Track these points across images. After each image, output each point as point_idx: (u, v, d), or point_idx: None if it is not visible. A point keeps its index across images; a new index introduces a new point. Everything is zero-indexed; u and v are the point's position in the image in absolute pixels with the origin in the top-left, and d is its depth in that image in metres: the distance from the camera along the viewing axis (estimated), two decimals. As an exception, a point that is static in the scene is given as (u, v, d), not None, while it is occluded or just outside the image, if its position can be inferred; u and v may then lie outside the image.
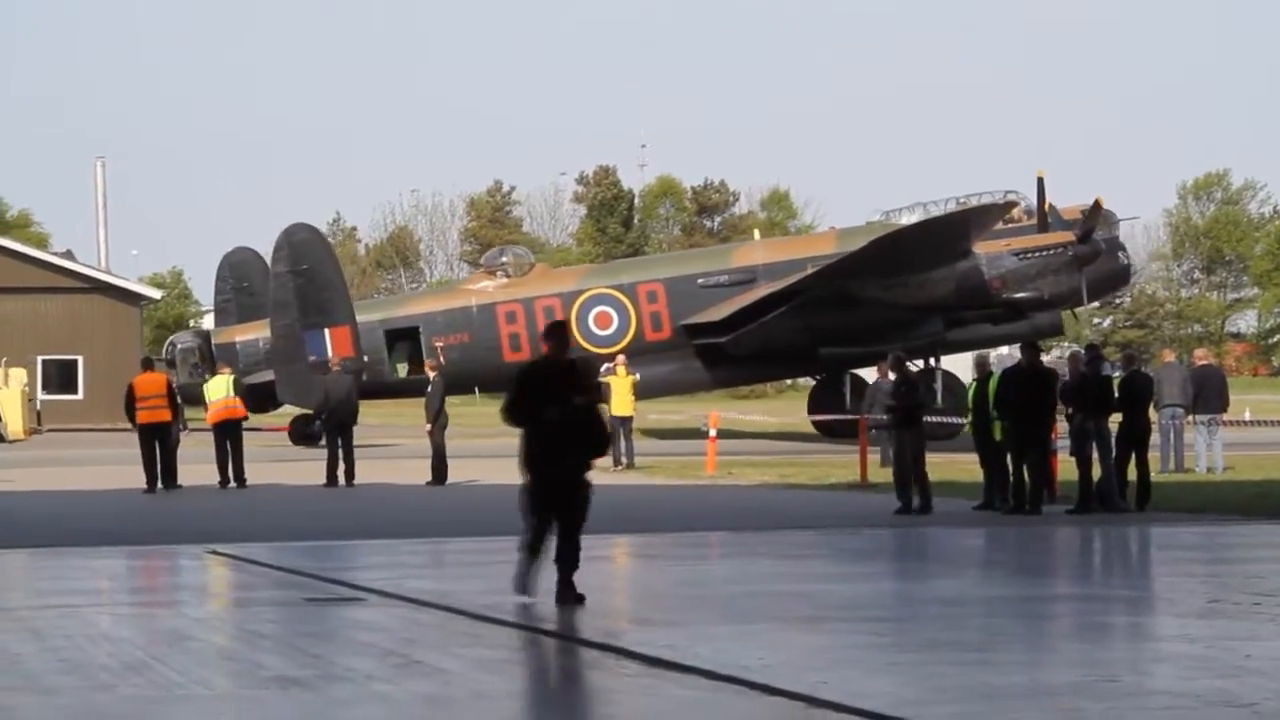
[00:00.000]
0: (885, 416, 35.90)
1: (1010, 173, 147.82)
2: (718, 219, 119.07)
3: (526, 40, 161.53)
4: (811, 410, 48.00)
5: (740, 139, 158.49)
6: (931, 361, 46.43)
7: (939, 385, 45.03)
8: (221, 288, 49.79)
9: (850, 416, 43.75)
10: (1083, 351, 26.91)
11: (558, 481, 14.96)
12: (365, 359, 44.81)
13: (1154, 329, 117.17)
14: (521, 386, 15.12)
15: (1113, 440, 25.54)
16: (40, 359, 62.15)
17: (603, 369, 38.41)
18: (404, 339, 46.03)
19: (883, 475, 29.87)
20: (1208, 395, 33.26)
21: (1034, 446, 24.96)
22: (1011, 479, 25.22)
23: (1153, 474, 26.47)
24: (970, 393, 26.53)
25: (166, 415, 31.28)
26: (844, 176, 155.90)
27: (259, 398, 44.76)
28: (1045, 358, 28.40)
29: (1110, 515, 24.56)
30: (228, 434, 32.37)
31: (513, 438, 15.42)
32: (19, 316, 62.20)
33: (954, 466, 31.13)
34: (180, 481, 31.29)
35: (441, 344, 45.26)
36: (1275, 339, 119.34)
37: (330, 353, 43.34)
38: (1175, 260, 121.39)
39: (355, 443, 33.09)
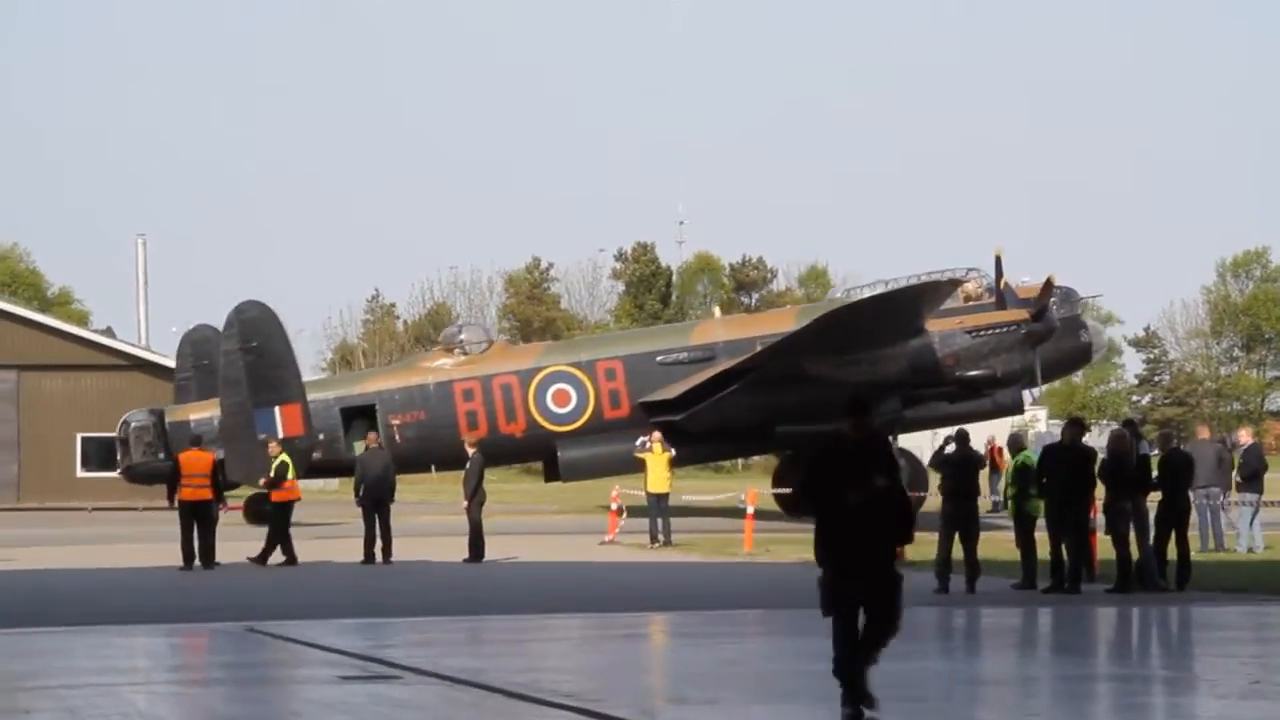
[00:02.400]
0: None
1: (1052, 249, 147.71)
2: (755, 295, 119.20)
3: (564, 116, 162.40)
4: (776, 485, 47.28)
5: (779, 215, 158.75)
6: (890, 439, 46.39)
7: (902, 464, 44.98)
8: (182, 365, 48.87)
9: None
10: (1120, 429, 26.77)
11: (862, 577, 13.38)
12: (321, 437, 44.68)
13: (1193, 406, 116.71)
14: (817, 469, 13.66)
15: (1151, 519, 25.41)
16: (80, 436, 62.40)
17: (638, 443, 38.31)
18: (360, 416, 45.52)
19: (921, 553, 29.72)
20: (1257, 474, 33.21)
21: (1074, 525, 24.87)
22: (1051, 557, 25.09)
23: (1192, 553, 26.30)
24: (1009, 470, 26.39)
25: (208, 494, 31.42)
26: (881, 253, 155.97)
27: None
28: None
29: (1150, 595, 24.41)
30: (284, 513, 32.50)
31: (549, 515, 15.40)
32: (59, 393, 62.47)
33: (993, 544, 30.96)
34: (219, 560, 31.31)
35: (398, 422, 44.80)
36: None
37: (281, 431, 43.27)
38: (1214, 338, 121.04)
39: (392, 519, 33.07)
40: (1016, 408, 48.20)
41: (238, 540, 33.40)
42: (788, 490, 39.19)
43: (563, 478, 45.89)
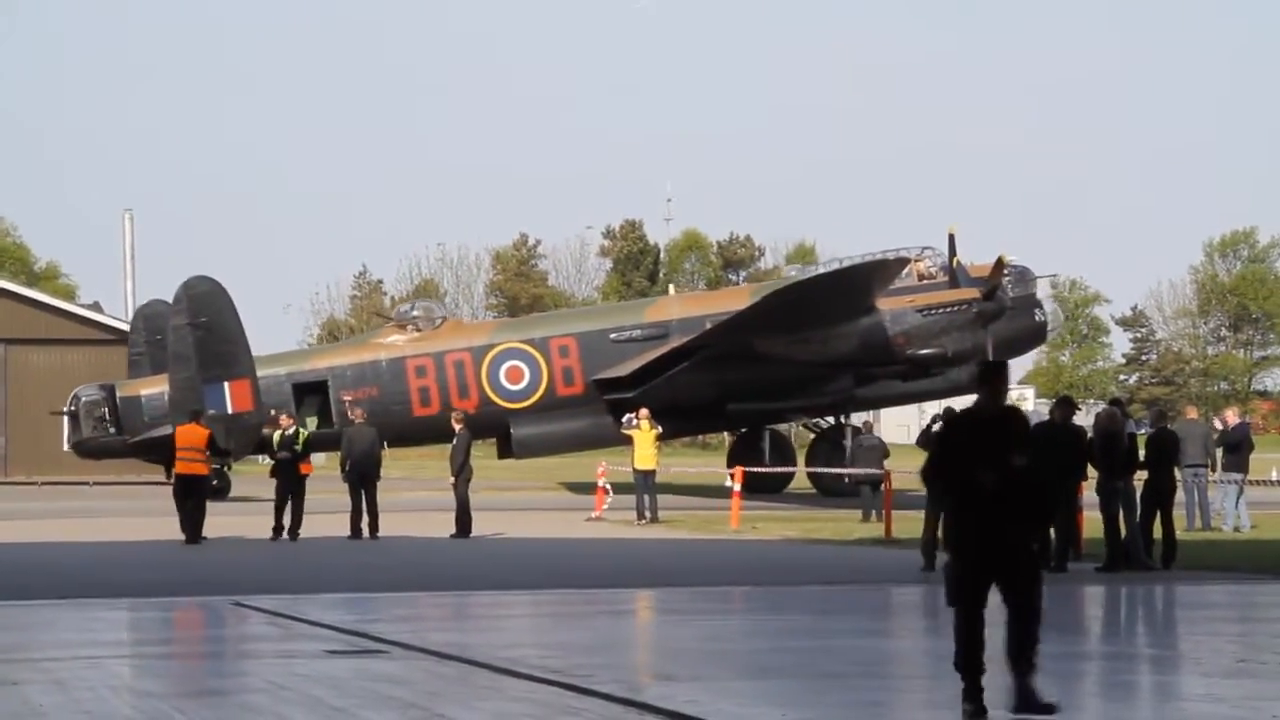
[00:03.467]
0: (871, 471, 36.12)
1: (1040, 229, 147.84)
2: (743, 273, 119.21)
3: (552, 94, 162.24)
4: (730, 465, 47.24)
5: (766, 193, 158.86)
6: (842, 419, 46.60)
7: (849, 443, 45.18)
8: (135, 341, 48.77)
9: (767, 470, 43.54)
10: (1111, 408, 26.78)
11: (996, 561, 12.21)
12: (273, 412, 44.57)
13: (1180, 386, 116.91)
14: (946, 443, 12.48)
15: (1137, 498, 25.46)
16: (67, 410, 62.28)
17: (625, 420, 38.29)
18: (312, 393, 45.45)
19: (907, 531, 29.77)
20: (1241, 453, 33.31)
21: (1062, 503, 24.91)
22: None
23: (1178, 532, 26.36)
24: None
25: (201, 469, 31.28)
26: (869, 231, 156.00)
27: (162, 451, 44.55)
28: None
29: (1136, 574, 24.45)
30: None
31: (535, 492, 15.39)
32: (46, 368, 62.33)
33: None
34: (207, 535, 31.20)
35: (350, 398, 44.57)
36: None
37: (230, 406, 43.16)
38: (1201, 318, 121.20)
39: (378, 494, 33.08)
40: (969, 387, 48.22)
41: (236, 514, 33.34)
42: (748, 469, 38.94)
43: (516, 455, 45.83)
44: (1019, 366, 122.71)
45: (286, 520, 31.91)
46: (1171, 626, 20.03)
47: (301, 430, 33.48)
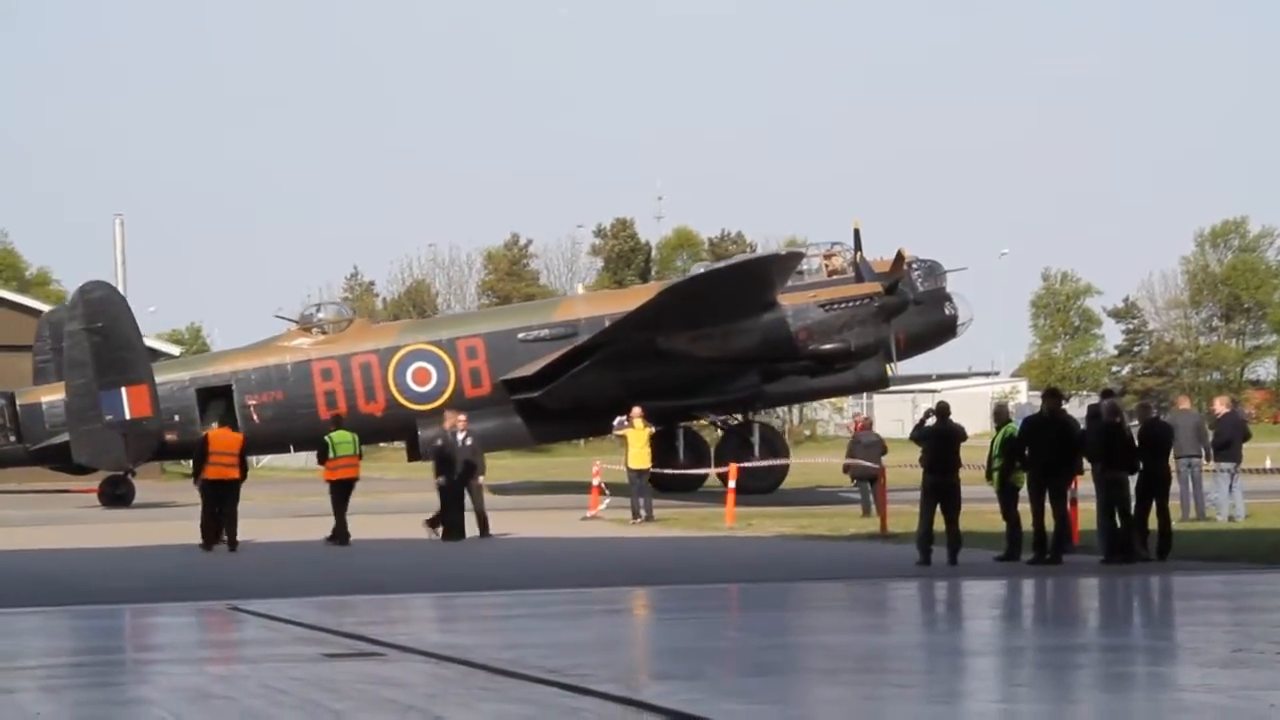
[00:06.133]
0: (869, 465, 36.14)
1: (1031, 222, 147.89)
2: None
3: (542, 93, 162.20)
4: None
5: (757, 190, 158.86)
6: (750, 415, 46.56)
7: (756, 438, 45.00)
8: (40, 348, 48.05)
9: (684, 471, 43.40)
10: (1105, 401, 26.79)
11: None
12: (176, 418, 44.36)
13: (1173, 376, 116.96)
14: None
15: (1132, 489, 25.48)
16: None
17: (616, 422, 38.21)
18: (216, 397, 45.00)
19: (903, 525, 29.79)
20: (1233, 443, 33.35)
21: (1055, 496, 24.95)
22: (1034, 529, 25.15)
23: (1173, 522, 26.39)
24: (995, 441, 26.36)
25: (235, 473, 31.15)
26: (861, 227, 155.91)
27: (65, 459, 44.47)
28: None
29: (1132, 565, 24.47)
30: (345, 492, 32.18)
31: (526, 494, 15.37)
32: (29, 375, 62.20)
33: (975, 517, 31.04)
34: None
35: (254, 402, 44.37)
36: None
37: (127, 412, 42.95)
38: (1193, 308, 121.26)
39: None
40: (880, 382, 48.15)
41: (102, 523, 32.92)
42: (657, 471, 38.67)
43: (423, 457, 44.77)
44: (1011, 359, 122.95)
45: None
46: (1168, 617, 20.04)
47: (325, 438, 33.01)
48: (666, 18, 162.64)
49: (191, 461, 32.32)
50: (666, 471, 41.53)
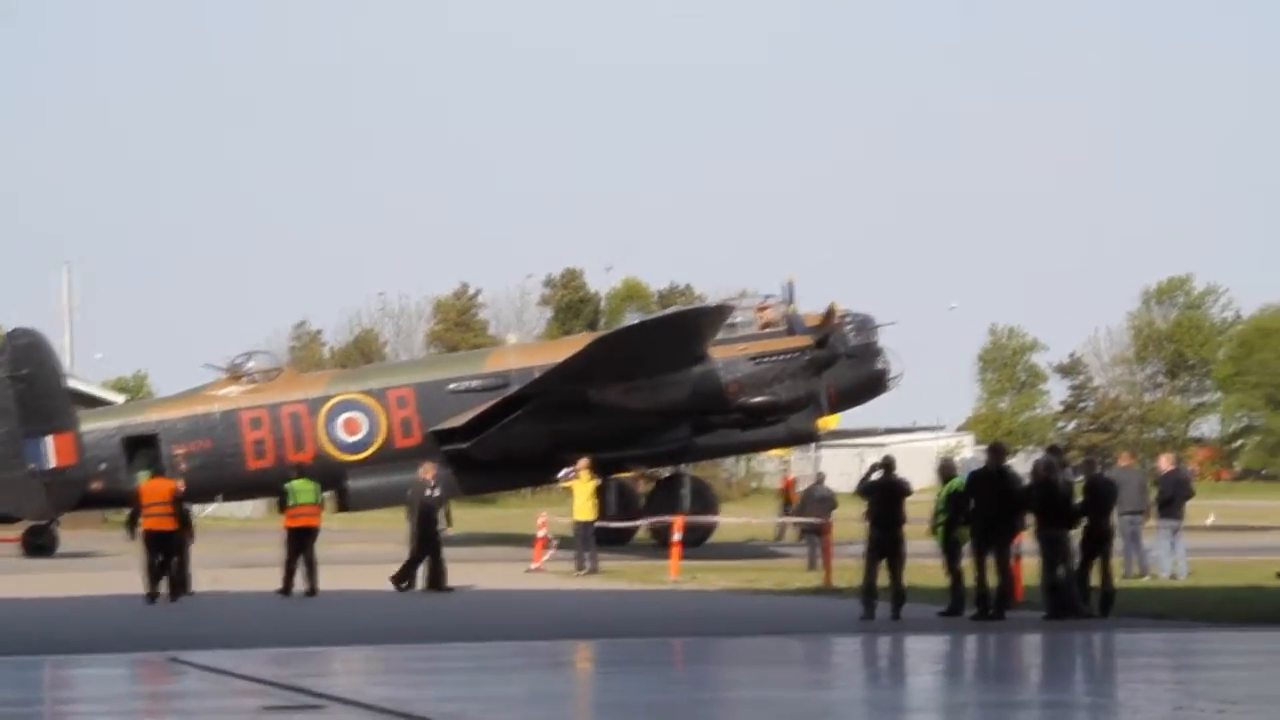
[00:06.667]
0: (817, 520, 36.17)
1: (977, 276, 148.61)
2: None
3: (492, 143, 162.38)
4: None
5: (706, 243, 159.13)
6: (681, 467, 46.59)
7: (686, 491, 44.99)
8: None
9: (614, 524, 43.11)
10: (1043, 457, 26.86)
11: None
12: (102, 467, 43.98)
13: (1118, 433, 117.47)
14: None
15: (1074, 545, 25.53)
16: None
17: (562, 474, 38.00)
18: (144, 446, 44.29)
19: (847, 580, 29.79)
20: (1176, 501, 33.47)
21: (998, 551, 25.00)
22: (976, 584, 25.17)
23: (1116, 579, 26.46)
24: (940, 496, 26.40)
25: (170, 524, 30.90)
26: (811, 280, 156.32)
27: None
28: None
29: (1074, 621, 24.51)
30: (303, 540, 31.96)
31: (483, 546, 15.34)
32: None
33: (919, 571, 31.09)
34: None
35: (182, 451, 43.85)
36: (1238, 444, 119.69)
37: (51, 461, 42.70)
38: (1139, 364, 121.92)
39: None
40: (811, 436, 48.16)
41: (23, 573, 32.66)
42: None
43: (351, 508, 45.01)
44: (957, 414, 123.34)
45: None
46: (1109, 674, 20.09)
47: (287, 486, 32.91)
48: (615, 68, 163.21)
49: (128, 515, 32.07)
50: (595, 524, 41.40)
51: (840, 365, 44.86)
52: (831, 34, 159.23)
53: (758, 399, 43.56)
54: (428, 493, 33.10)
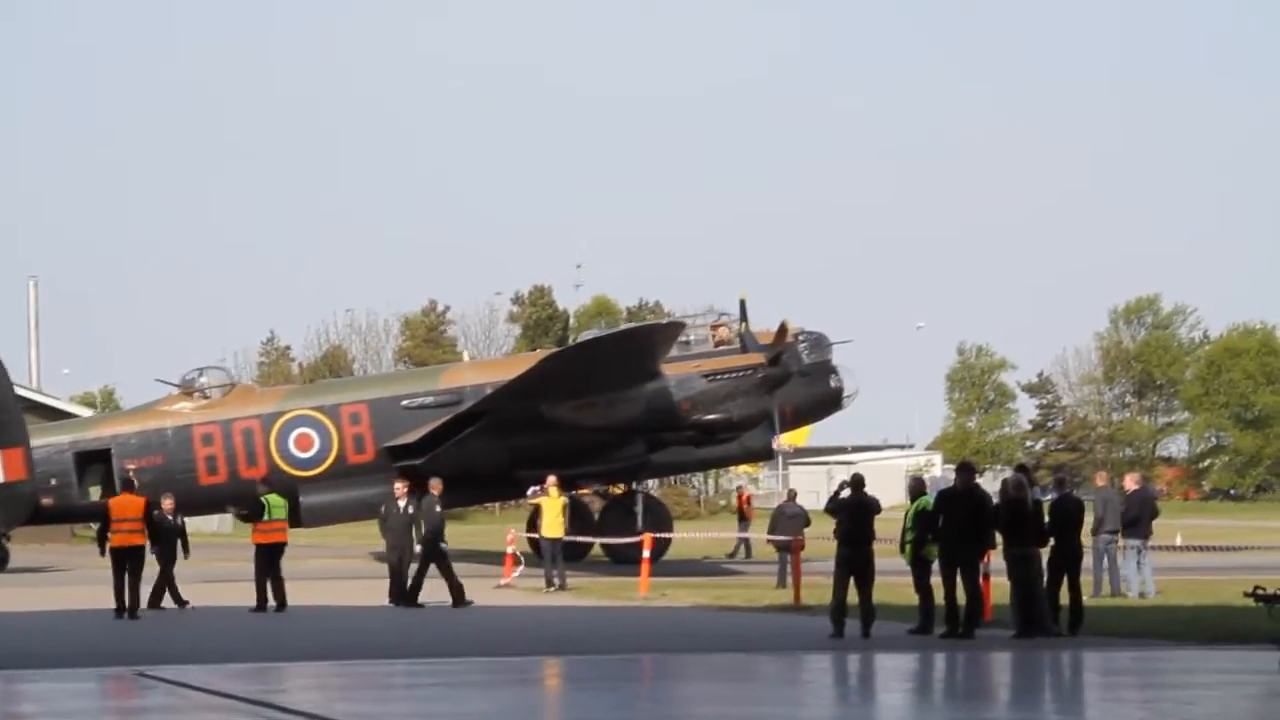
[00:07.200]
0: (786, 539, 36.13)
1: (946, 296, 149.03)
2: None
3: (461, 160, 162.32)
4: (530, 530, 46.41)
5: (675, 260, 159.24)
6: (634, 485, 46.58)
7: (639, 509, 44.98)
8: None
9: (575, 539, 42.91)
10: (1011, 476, 26.90)
11: None
12: (53, 482, 43.66)
13: (1086, 452, 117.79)
14: None
15: (1043, 564, 25.57)
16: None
17: (530, 491, 37.89)
18: (96, 461, 44.28)
19: (817, 597, 29.79)
20: (1142, 520, 33.52)
21: (967, 569, 25.01)
22: (945, 602, 25.19)
23: (1085, 598, 26.50)
24: (909, 514, 26.42)
25: (140, 540, 30.80)
26: (782, 297, 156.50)
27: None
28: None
29: (1043, 640, 24.54)
30: (273, 556, 31.93)
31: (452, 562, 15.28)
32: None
33: (889, 589, 31.10)
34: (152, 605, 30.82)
35: (134, 466, 43.39)
36: (1206, 463, 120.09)
37: (1, 475, 42.48)
38: (1107, 384, 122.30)
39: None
40: (766, 453, 48.17)
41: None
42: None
43: (304, 524, 44.61)
44: (926, 432, 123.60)
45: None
46: (1078, 693, 20.11)
47: (263, 499, 32.85)
48: (586, 84, 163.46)
49: (97, 528, 31.93)
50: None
51: (794, 383, 44.86)
52: (799, 62, 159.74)
53: (711, 416, 43.62)
54: (409, 510, 33.10)
